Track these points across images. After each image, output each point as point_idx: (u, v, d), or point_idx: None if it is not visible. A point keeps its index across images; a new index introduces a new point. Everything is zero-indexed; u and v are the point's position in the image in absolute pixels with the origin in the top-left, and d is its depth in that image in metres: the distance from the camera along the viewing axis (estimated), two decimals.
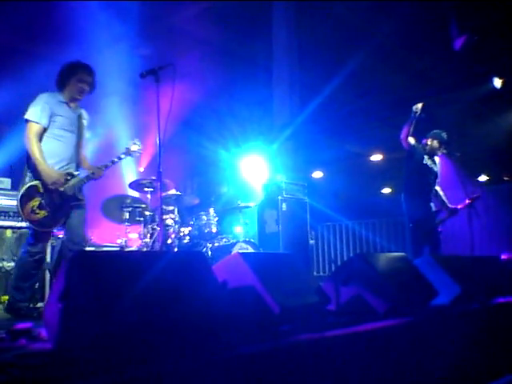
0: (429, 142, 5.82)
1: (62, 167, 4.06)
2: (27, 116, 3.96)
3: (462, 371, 2.72)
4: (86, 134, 4.40)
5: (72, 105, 4.18)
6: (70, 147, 4.12)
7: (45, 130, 3.99)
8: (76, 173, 4.17)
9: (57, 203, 3.97)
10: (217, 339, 1.93)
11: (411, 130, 5.54)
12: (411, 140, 5.63)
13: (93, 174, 4.20)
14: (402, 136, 5.59)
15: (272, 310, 2.29)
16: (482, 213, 6.36)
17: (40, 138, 3.98)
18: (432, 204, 5.66)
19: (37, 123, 3.94)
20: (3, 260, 5.29)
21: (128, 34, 7.89)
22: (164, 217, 6.02)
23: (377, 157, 13.52)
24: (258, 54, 9.98)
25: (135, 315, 1.80)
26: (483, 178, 11.81)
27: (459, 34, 7.01)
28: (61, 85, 4.17)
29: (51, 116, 4.01)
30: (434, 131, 5.86)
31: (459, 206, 5.77)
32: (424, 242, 5.56)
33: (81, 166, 4.30)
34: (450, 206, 5.80)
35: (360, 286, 2.87)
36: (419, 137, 5.80)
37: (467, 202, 5.83)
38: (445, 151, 5.76)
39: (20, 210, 3.83)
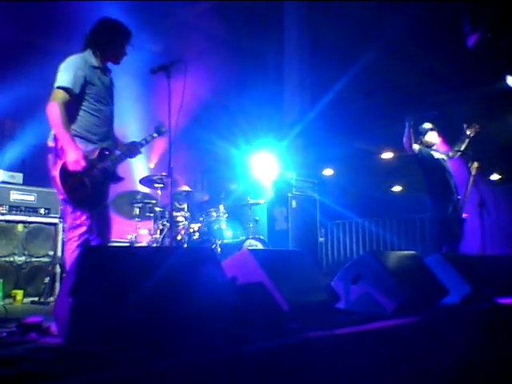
0: (425, 139, 5.84)
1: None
2: (58, 83, 3.28)
3: (472, 371, 2.70)
4: None
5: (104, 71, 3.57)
6: (107, 122, 3.56)
7: (76, 102, 3.34)
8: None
9: (99, 181, 3.38)
10: (226, 335, 1.94)
11: (412, 137, 5.57)
12: (415, 146, 5.65)
13: (129, 151, 3.67)
14: (406, 146, 5.63)
15: (281, 306, 2.29)
16: (493, 211, 6.32)
17: (71, 112, 3.31)
18: (457, 198, 5.69)
19: (67, 90, 3.26)
20: (14, 254, 5.34)
21: (139, 30, 7.91)
22: (174, 213, 6.04)
23: (387, 154, 13.44)
24: (268, 52, 9.96)
25: (144, 310, 1.80)
26: (495, 176, 11.70)
27: (472, 31, 6.95)
28: (99, 45, 3.52)
29: (85, 85, 3.36)
30: (420, 126, 5.90)
31: (464, 215, 5.76)
32: (445, 241, 5.59)
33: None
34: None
35: (370, 285, 2.87)
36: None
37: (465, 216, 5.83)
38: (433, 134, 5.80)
39: (61, 187, 3.19)
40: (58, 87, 3.27)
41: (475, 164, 5.84)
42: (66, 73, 3.31)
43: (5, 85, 6.56)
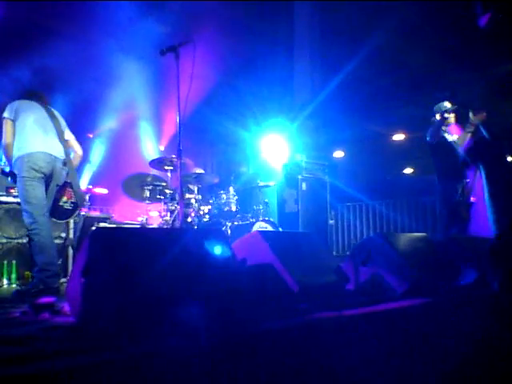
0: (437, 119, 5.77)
1: None
2: None
3: (481, 353, 2.70)
4: None
5: None
6: None
7: None
8: None
9: None
10: (235, 316, 1.95)
11: (440, 129, 5.52)
12: (433, 138, 5.61)
13: None
14: (431, 140, 5.56)
15: (291, 288, 2.30)
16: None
17: None
18: (466, 181, 5.65)
19: None
20: (27, 236, 5.39)
21: (148, 12, 7.86)
22: (185, 196, 6.06)
23: (399, 136, 13.32)
24: (278, 32, 9.84)
25: (155, 290, 1.82)
26: (509, 158, 11.56)
27: (484, 12, 6.82)
28: None
29: None
30: (435, 106, 5.82)
31: (472, 199, 5.71)
32: (453, 224, 5.57)
33: None
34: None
35: (379, 266, 2.86)
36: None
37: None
38: (451, 116, 5.73)
39: None
40: None
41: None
42: None
43: None
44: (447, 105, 5.77)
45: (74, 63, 7.09)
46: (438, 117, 5.73)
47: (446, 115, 5.71)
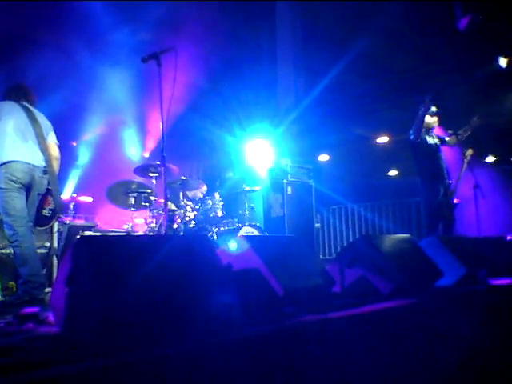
0: (426, 121, 5.82)
1: None
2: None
3: (467, 353, 2.73)
4: None
5: None
6: None
7: None
8: None
9: None
10: (221, 321, 1.95)
11: (423, 125, 5.59)
12: (414, 135, 5.67)
13: None
14: (415, 133, 5.62)
15: (276, 292, 2.31)
16: (488, 193, 6.36)
17: None
18: (448, 182, 5.72)
19: None
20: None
21: (129, 18, 7.85)
22: (169, 202, 6.04)
23: (383, 139, 13.43)
24: (261, 36, 9.89)
25: (140, 299, 1.81)
26: (490, 158, 11.73)
27: (463, 14, 6.93)
28: None
29: None
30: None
31: (455, 201, 5.79)
32: (438, 224, 5.63)
33: None
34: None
35: (365, 268, 2.88)
36: None
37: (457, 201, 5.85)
38: (436, 119, 5.82)
39: None
40: None
41: (469, 151, 5.87)
42: None
43: None
44: (433, 108, 5.84)
45: (55, 72, 7.04)
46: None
47: (429, 117, 5.79)
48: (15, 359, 1.47)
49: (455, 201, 5.74)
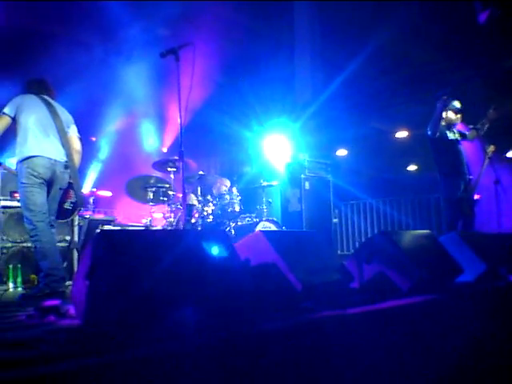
0: (448, 117, 5.73)
1: None
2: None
3: (486, 349, 2.70)
4: None
5: None
6: None
7: None
8: None
9: None
10: (240, 316, 1.96)
11: (440, 120, 5.50)
12: (433, 131, 5.59)
13: None
14: (432, 128, 5.53)
15: (294, 287, 2.30)
16: (509, 189, 6.26)
17: None
18: (469, 178, 5.64)
19: None
20: None
21: (148, 13, 7.88)
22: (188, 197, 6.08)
23: (402, 134, 13.28)
24: (279, 31, 9.84)
25: (159, 292, 1.83)
26: (511, 154, 11.53)
27: (483, 8, 6.80)
28: None
29: None
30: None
31: (476, 197, 5.70)
32: (458, 220, 5.56)
33: None
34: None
35: (383, 264, 2.86)
36: None
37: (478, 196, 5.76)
38: (458, 116, 5.73)
39: None
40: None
41: (491, 147, 5.77)
42: None
43: None
44: (456, 104, 5.74)
45: (75, 67, 7.10)
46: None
47: (452, 114, 5.70)
48: (37, 351, 1.49)
49: (476, 197, 5.66)
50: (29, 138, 3.99)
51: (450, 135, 5.71)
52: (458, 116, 5.77)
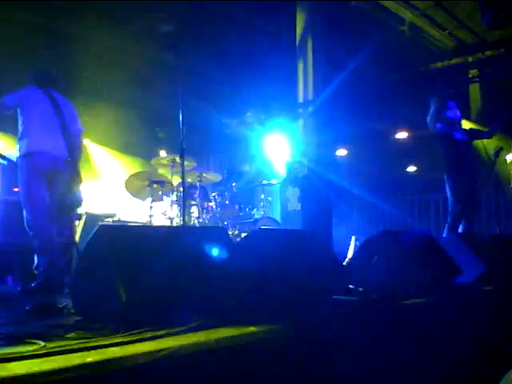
0: (448, 116, 5.74)
1: None
2: None
3: (485, 349, 2.70)
4: None
5: None
6: None
7: None
8: None
9: None
10: (237, 310, 1.96)
11: (436, 118, 5.51)
12: (439, 125, 5.58)
13: None
14: (430, 125, 5.54)
15: (294, 286, 2.30)
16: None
17: None
18: (475, 179, 5.64)
19: None
20: None
21: (147, 9, 7.83)
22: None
23: (402, 134, 13.29)
24: (281, 29, 9.83)
25: (158, 287, 1.83)
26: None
27: (486, 10, 6.79)
28: None
29: None
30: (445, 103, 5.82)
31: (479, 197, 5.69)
32: (460, 222, 5.54)
33: None
34: None
35: (383, 264, 2.86)
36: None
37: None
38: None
39: None
40: None
41: (501, 149, 5.75)
42: None
43: None
44: (454, 104, 5.74)
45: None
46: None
47: (452, 113, 5.69)
48: (36, 346, 1.49)
49: (479, 197, 5.65)
50: (30, 133, 3.97)
51: (458, 135, 5.69)
52: (457, 111, 5.76)
